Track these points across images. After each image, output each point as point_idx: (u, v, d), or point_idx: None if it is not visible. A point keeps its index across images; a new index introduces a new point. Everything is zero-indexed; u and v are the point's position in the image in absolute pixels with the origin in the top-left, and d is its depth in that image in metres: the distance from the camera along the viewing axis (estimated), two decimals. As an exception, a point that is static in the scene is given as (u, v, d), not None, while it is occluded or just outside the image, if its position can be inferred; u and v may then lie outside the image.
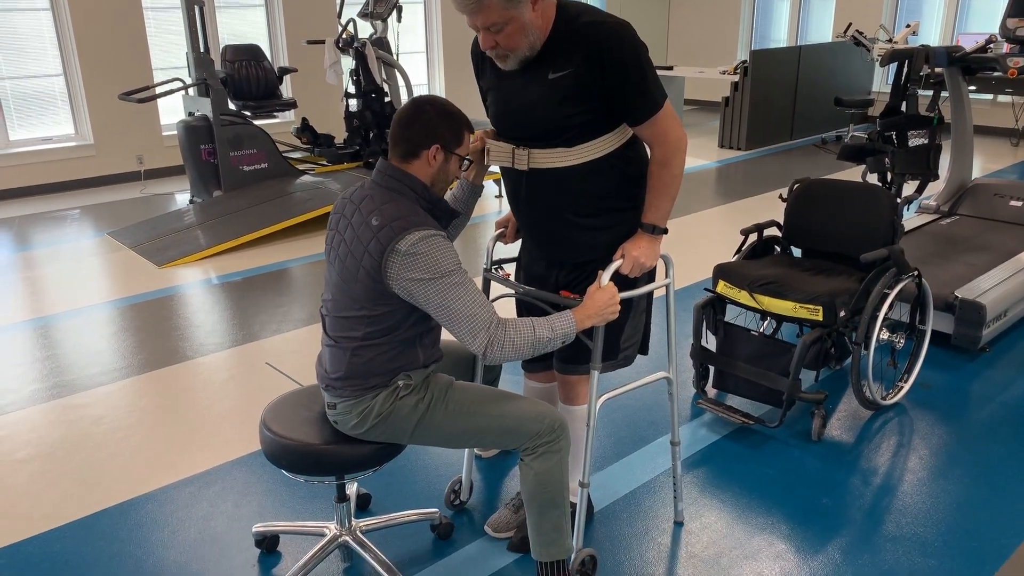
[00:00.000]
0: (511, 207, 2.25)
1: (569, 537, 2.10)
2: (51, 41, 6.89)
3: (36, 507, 2.65)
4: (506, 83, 2.07)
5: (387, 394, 1.98)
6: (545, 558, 2.09)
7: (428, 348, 2.04)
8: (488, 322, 1.87)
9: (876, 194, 3.14)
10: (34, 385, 3.51)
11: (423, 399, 2.00)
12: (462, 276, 1.88)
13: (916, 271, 3.11)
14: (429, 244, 1.84)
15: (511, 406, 2.03)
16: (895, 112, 3.87)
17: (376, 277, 1.88)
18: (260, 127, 6.17)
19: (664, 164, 2.03)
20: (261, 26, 8.09)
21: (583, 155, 2.03)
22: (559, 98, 1.96)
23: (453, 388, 2.06)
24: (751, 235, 3.35)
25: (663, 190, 2.05)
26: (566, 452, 2.05)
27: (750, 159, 8.03)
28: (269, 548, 2.41)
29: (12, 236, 5.78)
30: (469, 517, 2.54)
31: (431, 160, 1.93)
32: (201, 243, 5.30)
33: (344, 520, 2.29)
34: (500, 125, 2.13)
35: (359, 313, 1.94)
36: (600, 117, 1.99)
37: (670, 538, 2.43)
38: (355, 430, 2.01)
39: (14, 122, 6.87)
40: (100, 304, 4.44)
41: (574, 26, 1.94)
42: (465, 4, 1.87)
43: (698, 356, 3.19)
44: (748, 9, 10.71)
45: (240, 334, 3.99)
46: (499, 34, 1.91)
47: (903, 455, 2.85)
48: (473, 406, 2.02)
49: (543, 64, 1.97)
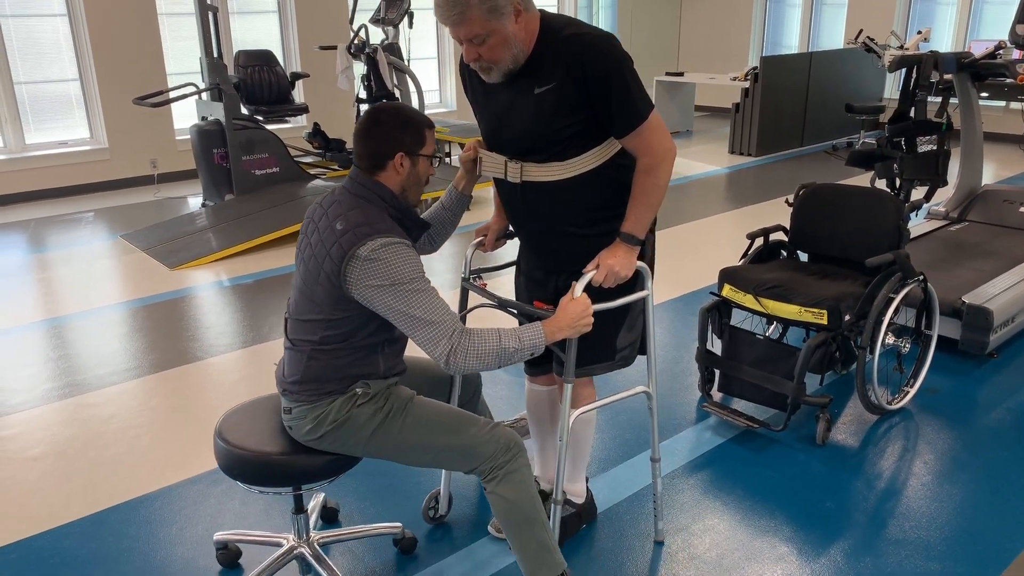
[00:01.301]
0: (508, 218, 2.24)
1: (557, 551, 2.03)
2: (67, 46, 6.98)
3: (47, 503, 2.69)
4: (493, 97, 2.06)
5: (344, 400, 1.96)
6: None
7: (390, 358, 2.03)
8: (450, 330, 1.85)
9: (882, 199, 3.15)
10: (47, 384, 3.56)
11: (381, 409, 1.98)
12: (423, 284, 1.87)
13: (922, 275, 3.12)
14: (390, 251, 1.84)
15: (468, 427, 1.99)
16: (904, 118, 3.87)
17: (336, 282, 1.88)
18: (272, 132, 6.23)
19: (648, 172, 2.00)
20: (274, 32, 8.16)
21: (576, 167, 2.02)
22: (545, 112, 1.95)
23: (413, 402, 2.03)
24: (757, 239, 3.36)
25: (645, 199, 2.02)
26: (527, 470, 2.01)
27: (760, 165, 8.03)
28: (230, 563, 2.35)
29: (28, 238, 5.85)
30: (447, 531, 2.53)
31: (398, 168, 1.95)
32: (213, 246, 5.35)
33: (302, 532, 2.25)
34: (490, 140, 2.13)
35: (318, 317, 1.94)
36: (589, 128, 1.98)
37: (649, 556, 2.42)
38: (308, 436, 1.98)
39: (30, 126, 6.95)
40: (113, 305, 4.49)
41: (557, 39, 1.93)
42: (448, 16, 1.88)
43: (703, 360, 3.20)
44: (759, 15, 10.71)
45: (250, 336, 4.03)
46: (482, 46, 1.91)
47: (908, 459, 2.85)
48: (431, 423, 1.99)
49: (529, 78, 1.97)
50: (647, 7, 11.10)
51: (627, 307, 2.18)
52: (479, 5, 1.85)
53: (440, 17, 1.90)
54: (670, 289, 4.58)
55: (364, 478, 2.76)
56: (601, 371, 2.22)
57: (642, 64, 10.94)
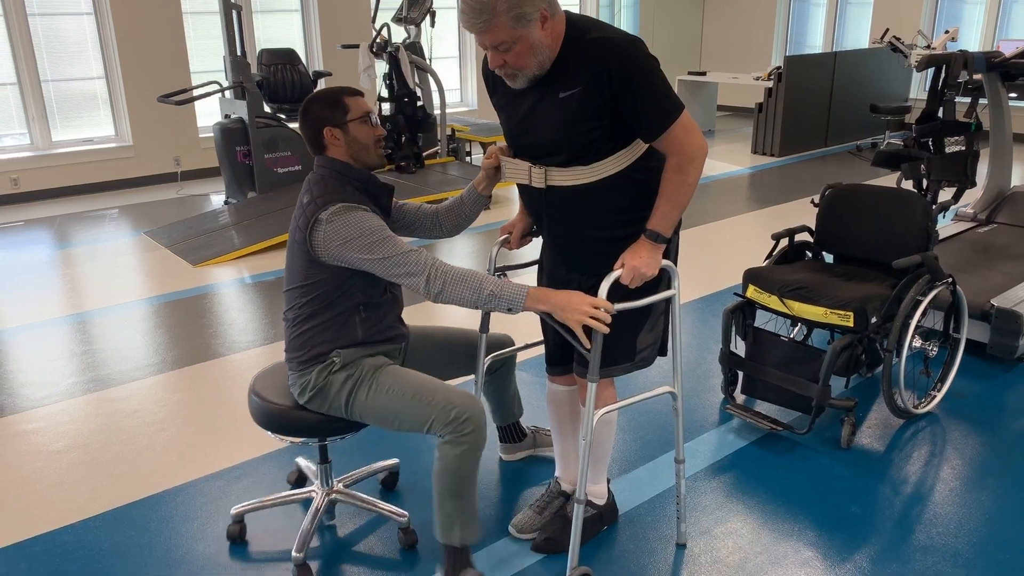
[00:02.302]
0: (532, 221, 2.24)
1: (468, 528, 2.13)
2: (93, 45, 7.05)
3: (71, 497, 2.71)
4: (517, 102, 2.05)
5: (321, 368, 2.15)
6: (442, 540, 2.16)
7: (369, 324, 2.19)
8: (423, 263, 2.01)
9: (909, 200, 3.10)
10: (72, 379, 3.59)
11: (351, 376, 2.14)
12: (386, 233, 2.04)
13: (950, 278, 3.07)
14: (350, 213, 2.03)
15: (428, 393, 2.09)
16: (932, 118, 3.81)
17: (304, 248, 2.08)
18: (294, 130, 6.25)
19: (678, 170, 1.97)
20: (297, 30, 8.21)
21: (600, 171, 2.00)
22: (570, 117, 1.94)
23: (383, 370, 2.16)
24: (782, 240, 3.33)
25: (673, 196, 2.00)
26: (474, 447, 2.07)
27: (783, 165, 7.96)
28: (238, 537, 2.47)
29: (54, 234, 5.92)
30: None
31: (333, 141, 2.13)
32: (235, 243, 5.38)
33: (326, 480, 2.47)
34: (515, 144, 2.12)
35: (295, 285, 2.15)
36: (614, 133, 1.96)
37: (671, 559, 2.41)
38: (300, 400, 2.19)
39: (57, 123, 7.03)
40: (136, 301, 4.53)
41: (582, 43, 1.91)
42: (474, 24, 1.86)
43: (727, 361, 3.17)
44: (783, 15, 10.63)
45: (271, 332, 4.04)
46: (507, 53, 1.90)
47: (935, 464, 2.81)
48: (395, 388, 2.11)
49: (553, 83, 1.95)
50: (669, 7, 11.04)
51: (648, 308, 2.16)
52: (505, 13, 1.84)
53: (466, 25, 1.89)
54: (693, 290, 4.55)
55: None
56: (621, 372, 2.20)
57: (664, 64, 10.91)
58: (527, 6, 1.85)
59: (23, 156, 6.83)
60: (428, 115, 6.83)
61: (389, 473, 2.71)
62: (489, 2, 1.84)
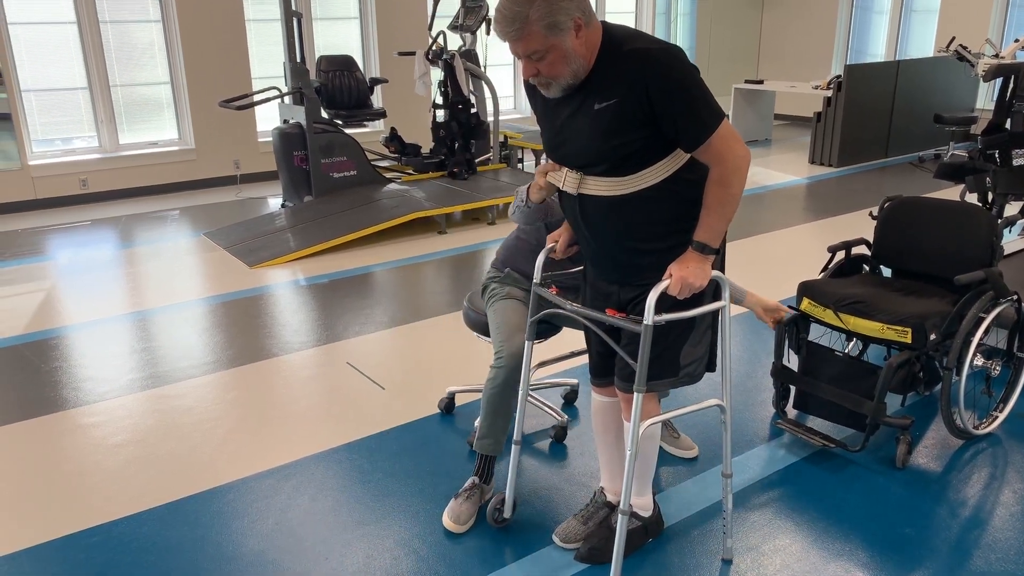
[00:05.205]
0: (574, 231, 2.23)
1: (499, 442, 2.57)
2: (160, 51, 7.28)
3: (127, 489, 2.79)
4: (554, 112, 2.04)
5: (492, 272, 2.83)
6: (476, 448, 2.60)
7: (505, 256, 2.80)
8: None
9: (973, 213, 3.01)
10: (131, 375, 3.70)
11: (487, 288, 2.80)
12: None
13: (1016, 295, 2.97)
14: None
15: (501, 320, 2.60)
16: (999, 129, 3.71)
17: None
18: (350, 136, 6.36)
19: (721, 183, 1.94)
20: (355, 38, 8.34)
21: (637, 183, 1.98)
22: (605, 129, 1.92)
23: (498, 298, 2.69)
24: (838, 253, 3.26)
25: (718, 208, 1.96)
26: (497, 380, 2.49)
27: (841, 176, 7.80)
28: (448, 409, 3.24)
29: (118, 234, 6.12)
30: (511, 535, 2.54)
31: None
32: (291, 246, 5.49)
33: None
34: (553, 154, 2.11)
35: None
36: (652, 144, 1.93)
37: (716, 575, 2.37)
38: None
39: (124, 127, 7.27)
40: (194, 300, 4.65)
41: (619, 53, 1.89)
42: (506, 32, 1.86)
43: (779, 375, 3.11)
44: (844, 22, 10.42)
45: (324, 334, 4.11)
46: (541, 62, 1.89)
47: (995, 488, 2.71)
48: (492, 314, 2.66)
49: (590, 94, 1.93)
50: (727, 14, 10.93)
51: (692, 321, 2.13)
52: (538, 21, 1.83)
53: (499, 33, 1.89)
54: (744, 301, 4.48)
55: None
56: (664, 387, 2.17)
57: (721, 72, 10.81)
58: (560, 15, 1.84)
59: (92, 158, 7.07)
60: (481, 122, 6.87)
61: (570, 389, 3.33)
62: (522, 11, 1.83)
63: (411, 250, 5.56)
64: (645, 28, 10.51)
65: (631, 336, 2.13)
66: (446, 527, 2.53)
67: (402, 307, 4.48)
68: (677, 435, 2.96)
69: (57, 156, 6.99)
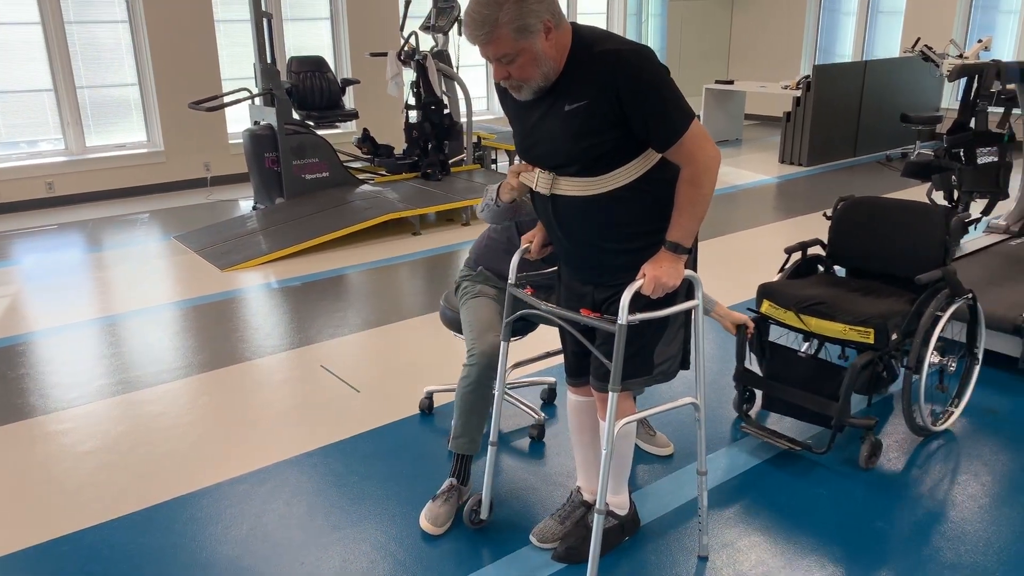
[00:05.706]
0: (547, 232, 2.23)
1: (473, 442, 2.57)
2: (127, 52, 7.18)
3: (98, 497, 2.75)
4: (526, 114, 2.04)
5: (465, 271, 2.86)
6: (452, 447, 2.60)
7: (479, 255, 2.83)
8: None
9: (927, 213, 3.04)
10: (101, 381, 3.64)
11: (460, 285, 2.83)
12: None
13: (971, 293, 3.01)
14: None
15: (473, 318, 2.62)
16: (964, 128, 3.77)
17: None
18: (322, 137, 6.31)
19: (692, 183, 1.95)
20: (326, 39, 8.29)
21: (609, 184, 1.98)
22: (576, 131, 1.92)
23: (470, 296, 2.71)
24: (794, 253, 3.27)
25: (689, 208, 1.97)
26: (469, 378, 2.49)
27: (811, 175, 7.90)
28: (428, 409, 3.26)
29: (85, 237, 6.02)
30: (488, 536, 2.53)
31: None
32: (263, 248, 5.44)
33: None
34: (525, 155, 2.12)
35: None
36: (623, 145, 1.94)
37: (693, 572, 2.38)
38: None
39: (91, 129, 7.16)
40: (165, 305, 4.59)
41: (589, 55, 1.89)
42: (476, 36, 1.86)
43: (742, 379, 3.09)
44: (812, 24, 10.55)
45: (297, 337, 4.08)
46: (511, 65, 1.89)
47: (963, 481, 2.76)
48: (464, 312, 2.69)
49: (560, 96, 1.94)
50: (697, 15, 11.01)
51: (666, 320, 2.14)
52: (508, 25, 1.83)
53: (469, 37, 1.88)
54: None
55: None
56: (638, 385, 2.18)
57: (692, 72, 10.88)
58: (530, 18, 1.84)
59: (58, 161, 6.96)
60: (454, 123, 6.86)
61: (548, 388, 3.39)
62: (491, 14, 1.83)
63: (385, 252, 5.53)
64: (616, 29, 10.56)
65: (605, 336, 2.13)
66: (423, 529, 2.53)
67: (376, 309, 4.46)
68: (653, 433, 2.98)
69: (22, 159, 6.87)
